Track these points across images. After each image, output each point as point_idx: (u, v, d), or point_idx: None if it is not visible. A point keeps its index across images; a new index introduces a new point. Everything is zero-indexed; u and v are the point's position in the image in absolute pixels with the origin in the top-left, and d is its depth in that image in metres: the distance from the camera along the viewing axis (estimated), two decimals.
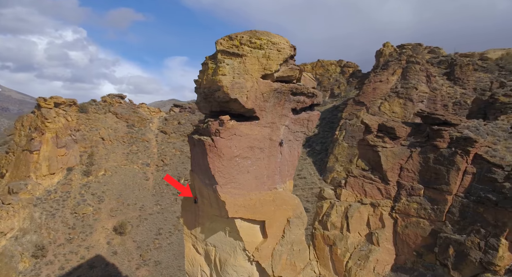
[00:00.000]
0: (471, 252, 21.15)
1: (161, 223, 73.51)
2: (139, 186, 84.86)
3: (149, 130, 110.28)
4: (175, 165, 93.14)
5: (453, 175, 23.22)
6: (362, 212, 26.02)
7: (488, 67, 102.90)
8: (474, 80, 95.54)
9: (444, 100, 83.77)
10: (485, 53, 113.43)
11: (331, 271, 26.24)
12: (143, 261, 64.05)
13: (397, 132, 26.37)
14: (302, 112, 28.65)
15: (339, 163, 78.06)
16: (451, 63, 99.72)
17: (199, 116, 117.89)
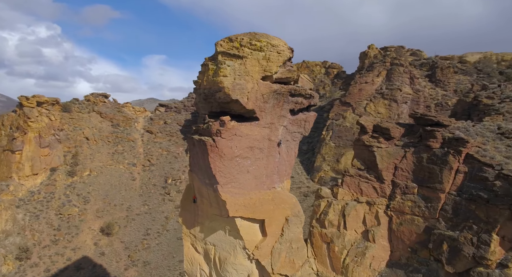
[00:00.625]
0: (464, 248, 22.17)
1: (149, 223, 72.98)
2: (125, 186, 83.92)
3: (135, 130, 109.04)
4: (161, 165, 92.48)
5: (446, 174, 24.23)
6: (358, 210, 26.80)
7: (467, 70, 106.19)
8: (454, 82, 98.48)
9: (426, 101, 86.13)
10: (463, 56, 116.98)
11: (329, 268, 26.93)
12: (132, 261, 63.50)
13: (391, 133, 27.27)
14: (299, 113, 29.26)
15: (326, 163, 79.23)
16: (433, 65, 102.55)
17: (185, 116, 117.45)
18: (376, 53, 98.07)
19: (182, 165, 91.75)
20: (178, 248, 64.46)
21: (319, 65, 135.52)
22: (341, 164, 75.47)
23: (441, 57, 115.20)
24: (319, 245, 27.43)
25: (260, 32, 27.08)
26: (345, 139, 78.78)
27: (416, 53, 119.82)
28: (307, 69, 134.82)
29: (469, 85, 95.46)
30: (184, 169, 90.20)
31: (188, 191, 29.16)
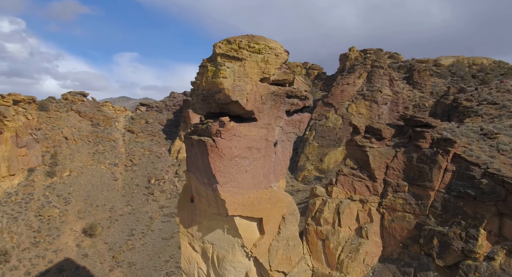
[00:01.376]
0: (454, 242, 23.49)
1: (133, 223, 72.18)
2: (107, 187, 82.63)
3: (115, 130, 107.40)
4: (144, 164, 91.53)
5: (435, 172, 25.55)
6: (352, 208, 27.82)
7: (442, 73, 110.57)
8: (431, 84, 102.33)
9: (405, 102, 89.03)
10: (438, 60, 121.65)
11: (324, 264, 27.82)
12: (116, 262, 62.71)
13: (383, 134, 28.44)
14: (294, 114, 30.02)
15: (309, 162, 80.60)
16: (410, 68, 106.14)
17: (167, 115, 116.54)
18: (357, 56, 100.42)
19: (165, 165, 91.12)
20: (164, 248, 64.18)
21: (299, 66, 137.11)
22: (325, 163, 77.02)
23: (417, 60, 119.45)
24: (315, 242, 28.29)
25: (258, 35, 27.72)
26: (328, 139, 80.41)
27: (394, 56, 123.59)
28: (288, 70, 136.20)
29: (444, 88, 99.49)
30: (167, 168, 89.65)
31: (185, 190, 29.40)
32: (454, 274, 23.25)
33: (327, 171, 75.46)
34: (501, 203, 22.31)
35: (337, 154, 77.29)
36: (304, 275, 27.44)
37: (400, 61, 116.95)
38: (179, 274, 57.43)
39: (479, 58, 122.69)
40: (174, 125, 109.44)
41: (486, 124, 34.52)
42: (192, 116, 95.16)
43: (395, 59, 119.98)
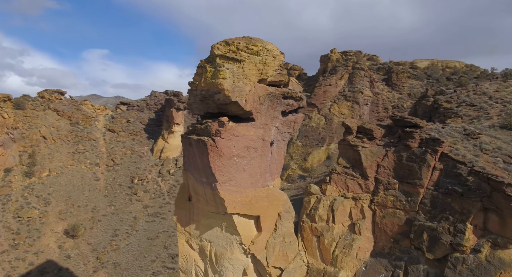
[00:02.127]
0: (442, 236, 24.88)
1: (116, 224, 71.32)
2: (89, 187, 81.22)
3: (95, 129, 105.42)
4: (126, 164, 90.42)
5: (424, 170, 26.92)
6: (345, 205, 28.89)
7: (418, 75, 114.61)
8: (408, 86, 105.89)
9: (385, 103, 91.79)
10: (414, 63, 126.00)
11: (318, 259, 28.77)
12: (101, 263, 61.89)
13: (374, 134, 29.65)
14: (289, 115, 30.87)
15: (293, 161, 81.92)
16: (388, 70, 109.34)
17: (148, 115, 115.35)
18: (338, 57, 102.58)
19: (148, 165, 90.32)
20: (149, 248, 63.83)
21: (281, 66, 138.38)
22: (308, 163, 78.50)
23: (394, 62, 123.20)
24: (310, 238, 29.20)
25: (255, 37, 28.33)
26: (312, 138, 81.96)
27: (373, 58, 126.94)
28: None
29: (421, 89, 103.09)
30: (150, 168, 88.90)
31: (183, 189, 29.69)
32: (443, 266, 24.66)
33: (310, 170, 76.94)
34: (486, 199, 23.82)
35: (320, 153, 78.92)
36: (299, 270, 28.31)
37: (379, 64, 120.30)
38: (166, 273, 57.42)
39: (452, 61, 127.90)
40: (156, 125, 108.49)
41: (467, 125, 36.43)
42: (176, 115, 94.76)
43: (374, 61, 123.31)
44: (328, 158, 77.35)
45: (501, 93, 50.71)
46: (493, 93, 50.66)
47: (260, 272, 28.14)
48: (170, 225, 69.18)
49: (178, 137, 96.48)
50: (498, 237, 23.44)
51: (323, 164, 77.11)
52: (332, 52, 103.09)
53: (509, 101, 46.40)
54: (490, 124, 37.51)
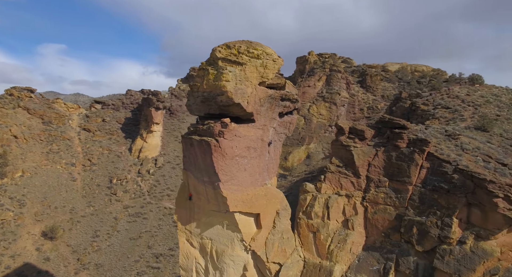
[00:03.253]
0: (431, 230, 26.86)
1: (96, 225, 70.08)
2: (66, 187, 79.23)
3: (69, 128, 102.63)
4: (104, 164, 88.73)
5: (413, 169, 28.86)
6: (339, 202, 30.44)
7: (390, 78, 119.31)
8: (381, 88, 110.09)
9: (360, 105, 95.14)
10: (385, 66, 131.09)
11: (314, 254, 30.17)
12: (82, 265, 60.78)
13: (365, 134, 31.38)
14: (285, 116, 32.09)
15: None
16: (362, 73, 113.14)
17: (124, 114, 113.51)
18: (315, 59, 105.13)
19: (126, 164, 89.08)
20: (132, 248, 63.32)
21: None
22: (289, 162, 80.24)
23: (367, 65, 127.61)
24: (306, 234, 30.53)
25: (254, 41, 29.31)
26: (292, 138, 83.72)
27: (347, 60, 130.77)
28: None
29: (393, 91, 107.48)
30: (129, 168, 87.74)
31: (183, 189, 30.27)
32: (431, 257, 26.64)
33: (291, 169, 78.71)
34: (470, 195, 25.97)
35: (300, 152, 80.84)
36: (297, 265, 29.59)
37: (353, 66, 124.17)
38: (151, 273, 57.31)
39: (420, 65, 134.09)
40: (133, 124, 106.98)
41: (446, 127, 39.01)
42: (155, 115, 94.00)
43: (349, 63, 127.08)
44: (308, 157, 79.43)
45: (472, 97, 54.25)
46: (465, 96, 54.12)
47: (260, 268, 29.19)
48: (153, 225, 68.82)
49: (157, 137, 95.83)
50: (480, 229, 25.62)
51: (303, 163, 79.07)
52: (309, 55, 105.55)
53: (480, 105, 49.79)
54: (466, 125, 40.30)
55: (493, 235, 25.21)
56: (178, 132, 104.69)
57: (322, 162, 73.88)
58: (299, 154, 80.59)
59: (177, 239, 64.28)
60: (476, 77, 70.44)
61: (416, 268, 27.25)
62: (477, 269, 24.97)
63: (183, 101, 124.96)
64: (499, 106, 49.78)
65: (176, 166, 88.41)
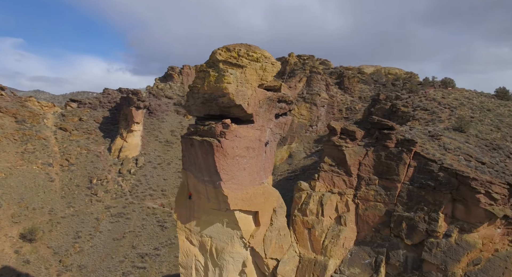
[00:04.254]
0: (419, 224, 28.75)
1: (78, 226, 68.75)
2: (43, 188, 77.13)
3: (45, 127, 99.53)
4: (82, 164, 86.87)
5: (401, 167, 30.70)
6: (332, 199, 31.89)
7: (366, 80, 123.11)
8: (358, 90, 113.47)
9: (339, 106, 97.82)
10: (361, 68, 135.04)
11: (309, 250, 31.49)
12: (64, 266, 59.62)
13: (356, 135, 33.00)
14: (280, 117, 33.23)
15: None
16: (340, 74, 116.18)
17: (102, 113, 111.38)
18: (295, 61, 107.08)
19: (106, 164, 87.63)
20: (116, 249, 62.70)
21: None
22: None
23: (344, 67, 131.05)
24: (301, 231, 31.80)
25: (253, 45, 30.29)
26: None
27: (325, 62, 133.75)
28: None
29: (370, 93, 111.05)
30: (109, 168, 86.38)
31: (182, 188, 30.80)
32: (420, 250, 28.54)
33: (274, 168, 79.95)
34: (454, 191, 28.02)
35: (282, 152, 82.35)
36: (293, 260, 30.82)
37: (331, 68, 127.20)
38: (137, 273, 57.09)
39: (393, 68, 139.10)
40: (112, 123, 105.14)
41: (426, 128, 41.35)
42: (135, 114, 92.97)
43: (326, 65, 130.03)
44: (290, 156, 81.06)
45: (447, 99, 57.39)
46: (441, 99, 57.17)
47: (258, 264, 30.20)
48: (136, 225, 68.29)
49: (137, 136, 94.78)
50: (464, 223, 27.71)
51: (285, 162, 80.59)
52: (289, 56, 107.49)
53: (455, 107, 52.83)
54: (445, 127, 42.84)
55: (475, 228, 27.35)
56: (158, 131, 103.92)
57: (304, 161, 75.67)
58: (281, 153, 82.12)
59: (162, 238, 64.37)
60: (449, 81, 74.18)
61: (405, 261, 29.09)
62: (461, 259, 27.05)
63: (162, 100, 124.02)
64: (472, 109, 52.99)
65: (158, 165, 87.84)
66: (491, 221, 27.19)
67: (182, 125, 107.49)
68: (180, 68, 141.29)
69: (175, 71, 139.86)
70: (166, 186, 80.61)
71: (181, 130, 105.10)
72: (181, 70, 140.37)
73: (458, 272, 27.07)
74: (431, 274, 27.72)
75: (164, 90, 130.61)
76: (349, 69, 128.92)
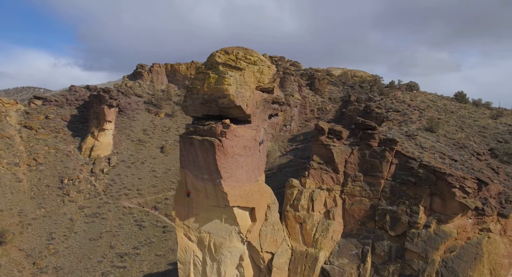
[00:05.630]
0: (402, 217, 31.42)
1: (51, 227, 66.76)
2: (10, 189, 74.05)
3: (8, 125, 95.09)
4: (52, 164, 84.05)
5: (384, 165, 33.29)
6: (321, 195, 33.96)
7: (335, 81, 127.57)
8: (328, 91, 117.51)
9: (311, 106, 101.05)
10: (329, 70, 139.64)
11: (301, 243, 33.38)
12: (39, 269, 57.91)
13: (342, 135, 35.29)
14: (272, 117, 34.91)
15: None
16: (311, 76, 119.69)
17: (70, 111, 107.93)
18: None
19: (77, 164, 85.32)
20: (94, 249, 61.68)
21: None
22: None
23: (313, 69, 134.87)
24: (293, 225, 33.62)
25: (249, 48, 31.73)
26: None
27: (295, 64, 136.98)
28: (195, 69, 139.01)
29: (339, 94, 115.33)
30: (80, 167, 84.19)
31: (181, 186, 31.63)
32: (402, 240, 31.23)
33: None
34: (432, 186, 30.92)
35: None
36: (286, 253, 32.59)
37: (301, 69, 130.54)
38: (117, 273, 56.65)
39: (358, 71, 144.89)
40: (80, 122, 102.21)
41: (402, 128, 44.55)
42: (108, 112, 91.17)
43: (297, 67, 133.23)
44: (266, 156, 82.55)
45: (415, 102, 61.52)
46: (410, 101, 61.19)
47: (253, 257, 31.69)
48: (113, 225, 67.30)
49: (109, 135, 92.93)
50: (441, 215, 30.66)
51: None
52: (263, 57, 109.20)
53: (423, 109, 56.87)
54: (417, 127, 46.28)
55: (451, 219, 30.37)
56: (129, 130, 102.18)
57: (280, 159, 77.73)
58: None
59: (140, 237, 64.15)
60: (414, 85, 79.13)
61: (389, 250, 31.70)
62: (439, 247, 29.98)
63: (131, 98, 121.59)
64: (438, 111, 57.28)
65: (131, 165, 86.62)
66: (464, 212, 30.27)
67: (154, 124, 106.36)
68: (150, 66, 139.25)
69: (145, 69, 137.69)
70: (142, 185, 79.86)
71: (154, 129, 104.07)
72: (151, 68, 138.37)
73: (437, 259, 30.00)
74: (413, 262, 30.48)
75: (133, 89, 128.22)
76: (318, 71, 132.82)
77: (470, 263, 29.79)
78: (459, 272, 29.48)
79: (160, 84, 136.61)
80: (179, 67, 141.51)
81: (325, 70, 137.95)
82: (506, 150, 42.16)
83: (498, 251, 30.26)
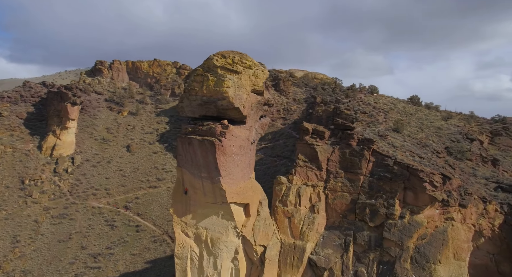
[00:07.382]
0: (380, 209, 34.86)
1: (14, 229, 63.69)
2: None
3: None
4: (10, 163, 79.73)
5: (363, 163, 36.62)
6: (307, 191, 36.61)
7: (297, 83, 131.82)
8: (292, 92, 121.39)
9: (277, 106, 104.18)
10: (291, 72, 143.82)
11: (289, 236, 35.81)
12: (5, 273, 55.34)
13: (325, 135, 38.20)
14: (262, 118, 36.98)
15: None
16: (275, 77, 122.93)
17: (25, 108, 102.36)
18: None
19: (38, 163, 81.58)
20: (64, 251, 59.97)
21: (170, 65, 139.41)
22: None
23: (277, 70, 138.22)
24: (282, 219, 35.96)
25: (243, 53, 33.53)
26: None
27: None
28: (159, 67, 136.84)
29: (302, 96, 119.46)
30: (42, 167, 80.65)
31: (178, 185, 32.74)
32: (381, 231, 34.67)
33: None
34: (406, 181, 34.63)
35: None
36: (276, 246, 34.86)
37: None
38: (91, 273, 55.75)
39: (318, 73, 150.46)
40: (38, 119, 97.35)
41: (371, 129, 48.54)
42: (71, 110, 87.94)
43: None
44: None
45: (379, 104, 66.47)
46: (374, 104, 65.98)
47: (247, 251, 33.59)
48: (82, 226, 65.58)
49: (72, 133, 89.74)
50: (414, 207, 34.44)
51: None
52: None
53: (387, 111, 61.75)
54: (385, 128, 50.58)
55: (422, 210, 34.24)
56: (92, 129, 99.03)
57: None
58: None
59: (113, 237, 63.44)
60: (374, 88, 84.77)
61: (369, 240, 35.04)
62: (413, 235, 33.74)
63: (91, 96, 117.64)
64: (399, 113, 62.48)
65: (97, 164, 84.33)
66: (433, 204, 34.26)
67: (117, 122, 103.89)
68: (110, 63, 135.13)
69: (105, 66, 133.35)
70: (110, 184, 78.21)
71: (117, 127, 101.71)
72: (111, 65, 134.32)
73: (411, 246, 33.76)
74: (390, 249, 34.02)
75: (92, 86, 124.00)
76: (282, 72, 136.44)
77: (438, 248, 33.84)
78: (430, 256, 33.45)
79: (121, 81, 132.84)
80: (141, 64, 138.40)
81: (288, 71, 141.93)
82: (459, 148, 47.54)
83: (460, 237, 34.57)
